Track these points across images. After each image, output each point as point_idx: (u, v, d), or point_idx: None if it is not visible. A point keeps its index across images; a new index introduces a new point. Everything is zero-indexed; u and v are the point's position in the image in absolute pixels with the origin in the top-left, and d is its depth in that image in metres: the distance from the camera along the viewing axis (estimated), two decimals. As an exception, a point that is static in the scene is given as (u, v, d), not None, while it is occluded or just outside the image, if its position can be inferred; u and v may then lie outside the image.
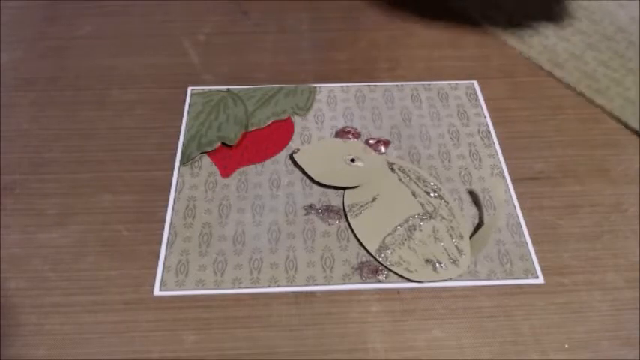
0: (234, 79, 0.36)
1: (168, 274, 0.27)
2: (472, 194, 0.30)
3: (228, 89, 0.35)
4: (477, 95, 0.35)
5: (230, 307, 0.26)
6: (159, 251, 0.27)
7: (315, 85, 0.35)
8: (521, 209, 0.29)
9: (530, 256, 0.27)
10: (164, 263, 0.27)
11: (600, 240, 0.28)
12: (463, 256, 0.27)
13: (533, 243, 0.28)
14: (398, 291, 0.26)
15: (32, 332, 0.25)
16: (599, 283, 0.27)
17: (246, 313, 0.26)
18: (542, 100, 0.35)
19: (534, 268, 0.27)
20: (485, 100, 0.35)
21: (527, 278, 0.27)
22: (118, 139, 0.32)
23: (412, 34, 0.39)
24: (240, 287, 0.26)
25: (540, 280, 0.27)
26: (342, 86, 0.35)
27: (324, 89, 0.35)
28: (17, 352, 0.24)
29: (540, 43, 0.36)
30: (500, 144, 0.32)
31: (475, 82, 0.36)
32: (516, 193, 0.30)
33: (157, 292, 0.26)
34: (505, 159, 0.32)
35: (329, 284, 0.26)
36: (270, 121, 0.33)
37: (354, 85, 0.35)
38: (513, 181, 0.30)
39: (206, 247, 0.28)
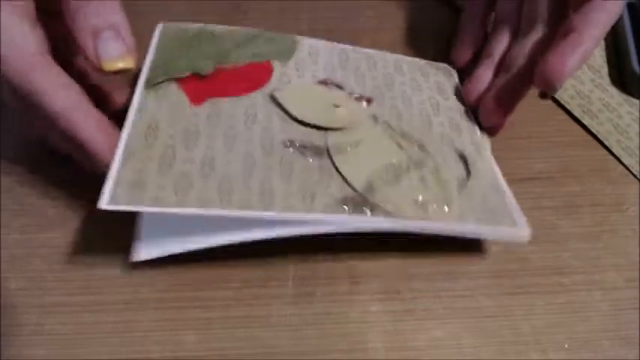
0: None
1: (120, 188, 0.23)
2: (457, 151, 0.29)
3: (204, 26, 0.32)
4: (455, 81, 0.34)
5: (230, 308, 0.26)
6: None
7: (297, 37, 0.33)
8: (521, 209, 0.29)
9: (513, 208, 0.27)
10: (116, 178, 0.23)
11: (600, 240, 0.28)
12: (451, 203, 0.26)
13: (533, 243, 0.28)
14: (398, 291, 0.26)
15: (32, 332, 0.25)
16: (599, 283, 0.27)
17: (247, 313, 0.26)
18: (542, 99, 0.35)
19: (519, 219, 0.27)
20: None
21: (511, 226, 0.26)
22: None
23: (412, 34, 0.39)
24: (206, 207, 0.23)
25: (525, 234, 0.26)
26: (325, 42, 0.33)
27: (306, 42, 0.33)
28: (17, 352, 0.24)
29: (574, 88, 0.35)
30: (500, 144, 0.32)
31: (454, 72, 0.35)
32: (516, 193, 0.30)
33: (104, 205, 0.22)
34: (505, 159, 0.31)
35: (310, 212, 0.24)
36: (247, 61, 0.30)
37: (337, 46, 0.34)
38: (513, 182, 0.30)
39: (168, 168, 0.24)
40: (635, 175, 0.31)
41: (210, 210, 0.23)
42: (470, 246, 0.28)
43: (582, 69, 0.36)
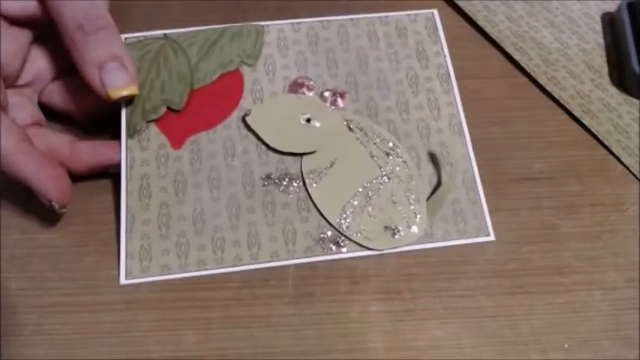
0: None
1: (132, 261, 0.26)
2: (431, 155, 0.30)
3: (165, 35, 0.32)
4: (437, 29, 0.33)
5: (230, 307, 0.26)
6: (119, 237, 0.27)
7: (262, 23, 0.33)
8: (521, 209, 0.29)
9: (484, 214, 0.28)
10: (126, 250, 0.27)
11: (600, 239, 0.28)
12: (419, 218, 0.28)
13: (533, 243, 0.28)
14: (398, 291, 0.26)
15: (32, 332, 0.25)
16: (600, 282, 0.27)
17: (246, 313, 0.26)
18: (542, 100, 0.35)
19: (486, 226, 0.28)
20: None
21: (479, 237, 0.28)
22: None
23: (412, 34, 0.39)
24: (205, 269, 0.26)
25: (492, 237, 0.27)
26: (292, 24, 0.33)
27: (273, 29, 0.32)
28: (17, 352, 0.24)
29: (574, 88, 0.35)
30: (500, 144, 0.32)
31: (435, 12, 0.34)
32: (516, 193, 0.30)
33: (122, 281, 0.26)
34: (505, 159, 0.32)
35: (292, 259, 0.27)
36: (217, 75, 0.30)
37: (305, 22, 0.33)
38: (513, 181, 0.30)
39: (166, 230, 0.27)
40: (635, 175, 0.31)
41: (207, 271, 0.26)
42: (470, 246, 0.28)
43: (582, 69, 0.36)
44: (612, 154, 0.32)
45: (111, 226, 0.28)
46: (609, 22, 0.39)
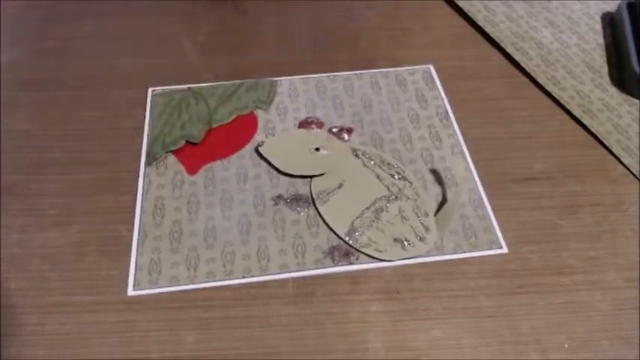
0: (233, 79, 0.36)
1: (141, 273, 0.27)
2: (434, 173, 0.31)
3: (189, 88, 0.35)
4: (433, 79, 0.36)
5: (230, 307, 0.26)
6: (130, 251, 0.27)
7: (275, 79, 0.36)
8: (521, 209, 0.29)
9: (494, 228, 0.28)
10: (136, 263, 0.27)
11: (600, 239, 0.28)
12: (430, 232, 0.28)
13: (533, 243, 0.28)
14: (398, 291, 0.26)
15: (32, 332, 0.25)
16: (600, 282, 0.27)
17: (246, 313, 0.26)
18: (542, 100, 0.35)
19: (498, 239, 0.28)
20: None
21: (491, 249, 0.28)
22: (118, 139, 0.32)
23: (412, 34, 0.39)
24: (214, 281, 0.26)
25: (504, 250, 0.28)
26: (302, 78, 0.36)
27: (285, 82, 0.35)
28: (17, 352, 0.24)
29: (574, 88, 0.35)
30: (500, 144, 0.32)
31: (431, 67, 0.36)
32: (516, 193, 0.30)
33: (130, 292, 0.26)
34: (505, 159, 0.32)
35: (302, 270, 0.27)
36: (233, 117, 0.33)
37: (314, 77, 0.36)
38: (513, 181, 0.30)
39: (177, 244, 0.28)
40: (635, 175, 0.31)
41: (216, 282, 0.26)
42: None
43: (582, 69, 0.36)
44: (612, 154, 0.32)
45: (111, 226, 0.28)
46: (609, 22, 0.39)
